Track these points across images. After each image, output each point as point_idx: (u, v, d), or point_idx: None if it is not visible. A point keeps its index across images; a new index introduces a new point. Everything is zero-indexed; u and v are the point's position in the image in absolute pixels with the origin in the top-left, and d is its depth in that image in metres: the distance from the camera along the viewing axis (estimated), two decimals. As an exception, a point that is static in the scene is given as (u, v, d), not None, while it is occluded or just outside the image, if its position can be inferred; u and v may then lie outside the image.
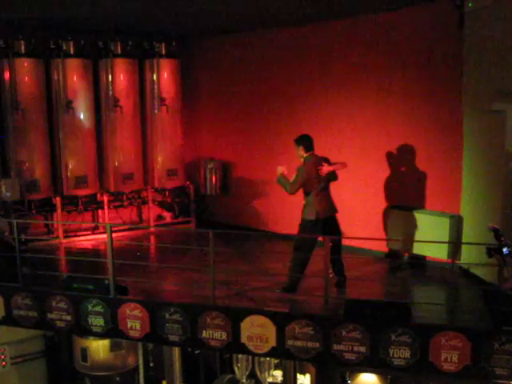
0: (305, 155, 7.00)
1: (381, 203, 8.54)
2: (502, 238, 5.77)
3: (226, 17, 8.41)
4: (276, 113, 9.61)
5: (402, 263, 8.25)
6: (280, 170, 6.98)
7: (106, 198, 10.05)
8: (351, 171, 8.75)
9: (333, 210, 7.10)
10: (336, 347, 5.88)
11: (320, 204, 6.93)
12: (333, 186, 9.07)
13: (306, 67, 9.15)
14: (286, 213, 9.54)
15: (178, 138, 10.51)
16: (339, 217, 7.41)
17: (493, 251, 5.78)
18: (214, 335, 6.26)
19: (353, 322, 5.81)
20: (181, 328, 6.36)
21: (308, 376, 8.21)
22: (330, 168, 6.96)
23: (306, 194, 7.00)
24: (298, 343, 5.99)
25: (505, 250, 5.73)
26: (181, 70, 10.40)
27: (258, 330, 6.10)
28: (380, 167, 8.44)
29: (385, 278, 7.89)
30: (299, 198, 7.70)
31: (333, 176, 7.10)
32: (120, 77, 9.88)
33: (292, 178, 6.92)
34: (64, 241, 9.60)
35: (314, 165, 6.92)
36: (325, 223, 6.97)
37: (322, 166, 6.90)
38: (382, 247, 8.53)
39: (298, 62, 9.24)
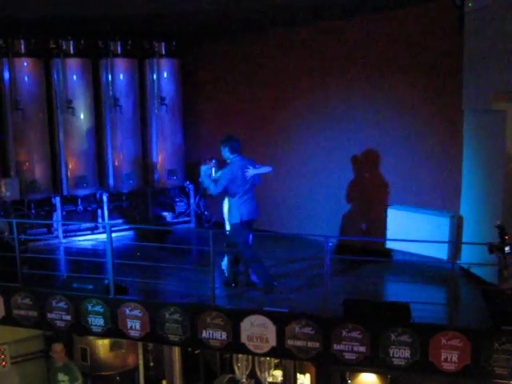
0: (230, 157, 6.97)
1: (380, 202, 8.53)
2: (507, 237, 5.74)
3: (225, 17, 8.40)
4: (276, 112, 9.60)
5: None
6: (204, 169, 6.96)
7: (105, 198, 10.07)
8: (351, 171, 8.80)
9: (255, 213, 7.06)
10: (336, 347, 5.89)
11: (243, 207, 6.88)
12: (332, 185, 9.10)
13: (306, 67, 9.14)
14: (286, 212, 9.55)
15: (177, 137, 10.51)
16: (339, 216, 7.43)
17: (494, 247, 5.76)
18: (214, 335, 6.26)
19: (353, 322, 5.81)
20: (181, 328, 6.36)
21: (308, 376, 8.19)
22: (256, 171, 6.91)
23: (230, 196, 6.96)
24: (298, 343, 6.00)
25: (507, 248, 5.70)
26: (181, 70, 10.39)
27: (257, 330, 6.10)
28: (379, 166, 8.44)
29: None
30: (299, 198, 7.68)
31: (257, 179, 7.05)
32: (120, 76, 9.86)
33: (217, 180, 6.90)
34: (64, 241, 9.60)
35: (240, 167, 6.86)
36: (247, 225, 6.97)
37: (248, 168, 6.85)
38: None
39: (297, 62, 9.23)
